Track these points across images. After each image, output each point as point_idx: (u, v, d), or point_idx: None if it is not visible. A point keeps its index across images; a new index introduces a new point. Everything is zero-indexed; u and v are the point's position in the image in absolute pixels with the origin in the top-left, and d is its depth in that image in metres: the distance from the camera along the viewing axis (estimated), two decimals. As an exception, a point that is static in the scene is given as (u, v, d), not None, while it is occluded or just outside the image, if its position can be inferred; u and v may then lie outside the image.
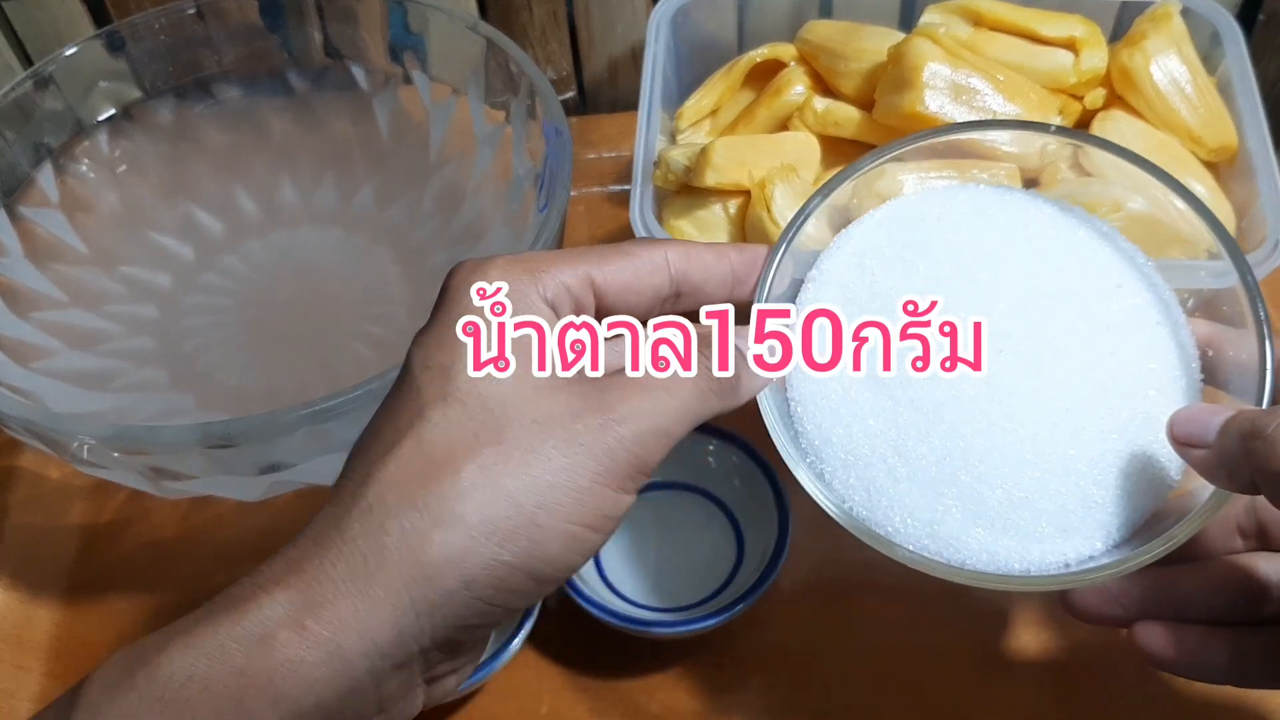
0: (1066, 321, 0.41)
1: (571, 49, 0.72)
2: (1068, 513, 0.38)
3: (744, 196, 0.56)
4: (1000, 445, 0.39)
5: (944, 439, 0.39)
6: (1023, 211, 0.43)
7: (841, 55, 0.58)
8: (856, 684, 0.49)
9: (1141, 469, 0.39)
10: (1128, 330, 0.41)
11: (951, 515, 0.39)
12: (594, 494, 0.32)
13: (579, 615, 0.48)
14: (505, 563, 0.30)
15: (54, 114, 0.57)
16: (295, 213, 0.60)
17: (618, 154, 0.70)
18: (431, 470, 0.30)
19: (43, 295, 0.55)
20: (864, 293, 0.42)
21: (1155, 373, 0.40)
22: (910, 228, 0.43)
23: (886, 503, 0.39)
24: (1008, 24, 0.58)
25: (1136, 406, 0.39)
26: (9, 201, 0.55)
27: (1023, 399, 0.39)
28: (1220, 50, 0.58)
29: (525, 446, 0.31)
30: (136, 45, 0.58)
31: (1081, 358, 0.40)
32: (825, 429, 0.40)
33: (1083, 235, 0.43)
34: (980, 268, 0.41)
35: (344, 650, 0.29)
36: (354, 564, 0.30)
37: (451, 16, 0.57)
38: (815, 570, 0.52)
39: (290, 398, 0.53)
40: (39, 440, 0.45)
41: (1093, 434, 0.39)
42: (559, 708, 0.49)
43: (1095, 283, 0.41)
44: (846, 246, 0.43)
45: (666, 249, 0.37)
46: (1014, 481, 0.39)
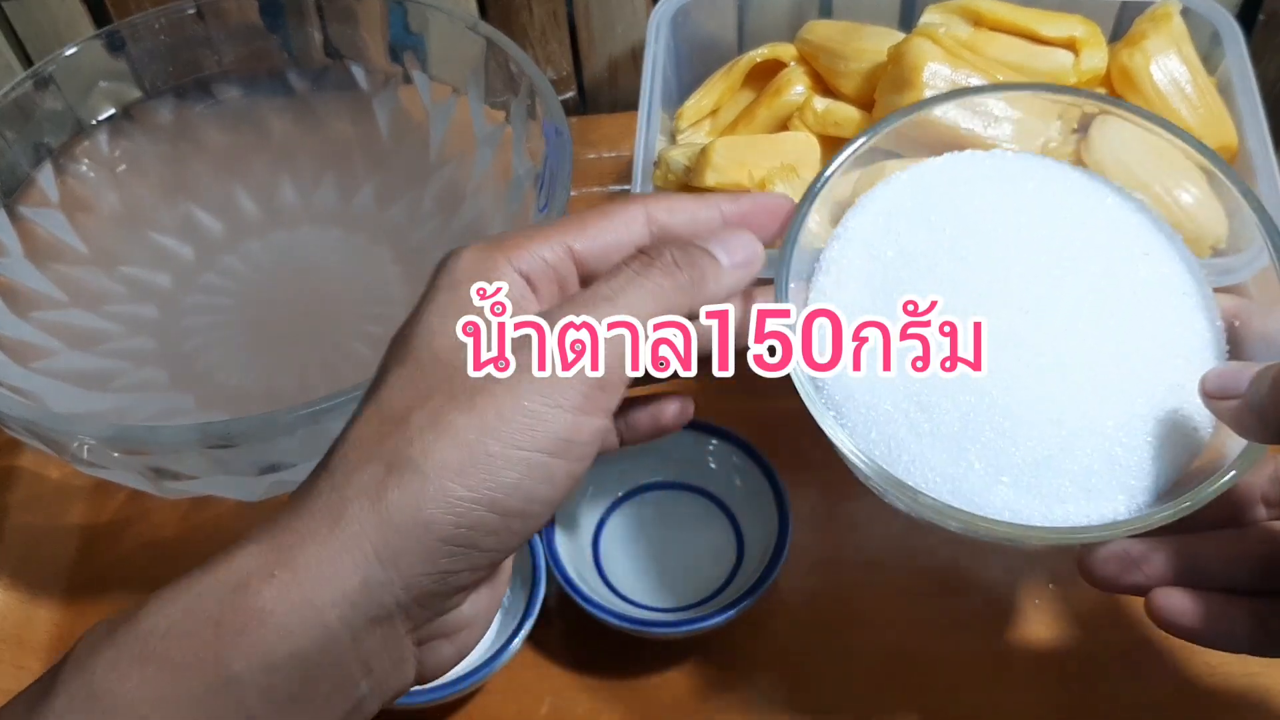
0: (1093, 285, 0.40)
1: (571, 49, 0.72)
2: (1092, 474, 0.38)
3: (744, 196, 0.56)
4: (1026, 403, 0.39)
5: (970, 395, 0.39)
6: (1048, 176, 0.43)
7: (841, 55, 0.58)
8: (856, 684, 0.49)
9: (1168, 433, 0.39)
10: (1155, 297, 0.40)
11: (974, 472, 0.38)
12: (548, 418, 0.31)
13: (579, 615, 0.48)
14: (462, 498, 0.30)
15: (54, 114, 0.57)
16: (295, 213, 0.60)
17: (618, 154, 0.70)
18: (388, 426, 0.31)
19: (43, 295, 0.55)
20: (890, 250, 0.42)
21: (1182, 340, 0.40)
22: (936, 190, 0.43)
23: (908, 459, 0.39)
24: (1008, 24, 0.58)
25: (1163, 372, 0.39)
26: (9, 201, 0.55)
27: (1049, 358, 0.39)
28: (1220, 50, 0.58)
29: (475, 387, 0.31)
30: (136, 45, 0.58)
31: (1108, 321, 0.40)
32: (847, 384, 0.40)
33: (1110, 202, 0.43)
34: (1006, 229, 0.41)
35: (312, 599, 0.29)
36: (318, 518, 0.30)
37: (451, 16, 0.57)
38: (815, 570, 0.52)
39: (290, 398, 0.53)
40: (39, 440, 0.45)
41: (1119, 397, 0.39)
42: (559, 708, 0.49)
43: (1122, 249, 0.41)
44: (871, 206, 0.43)
45: (646, 205, 0.37)
46: (1039, 440, 0.38)
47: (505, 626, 0.48)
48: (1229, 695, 0.48)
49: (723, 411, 0.58)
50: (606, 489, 0.52)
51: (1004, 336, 0.39)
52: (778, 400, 0.58)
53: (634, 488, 0.53)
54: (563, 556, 0.48)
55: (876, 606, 0.51)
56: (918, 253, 0.41)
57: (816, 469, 0.55)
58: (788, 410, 0.58)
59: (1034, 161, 0.44)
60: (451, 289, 0.34)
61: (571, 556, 0.49)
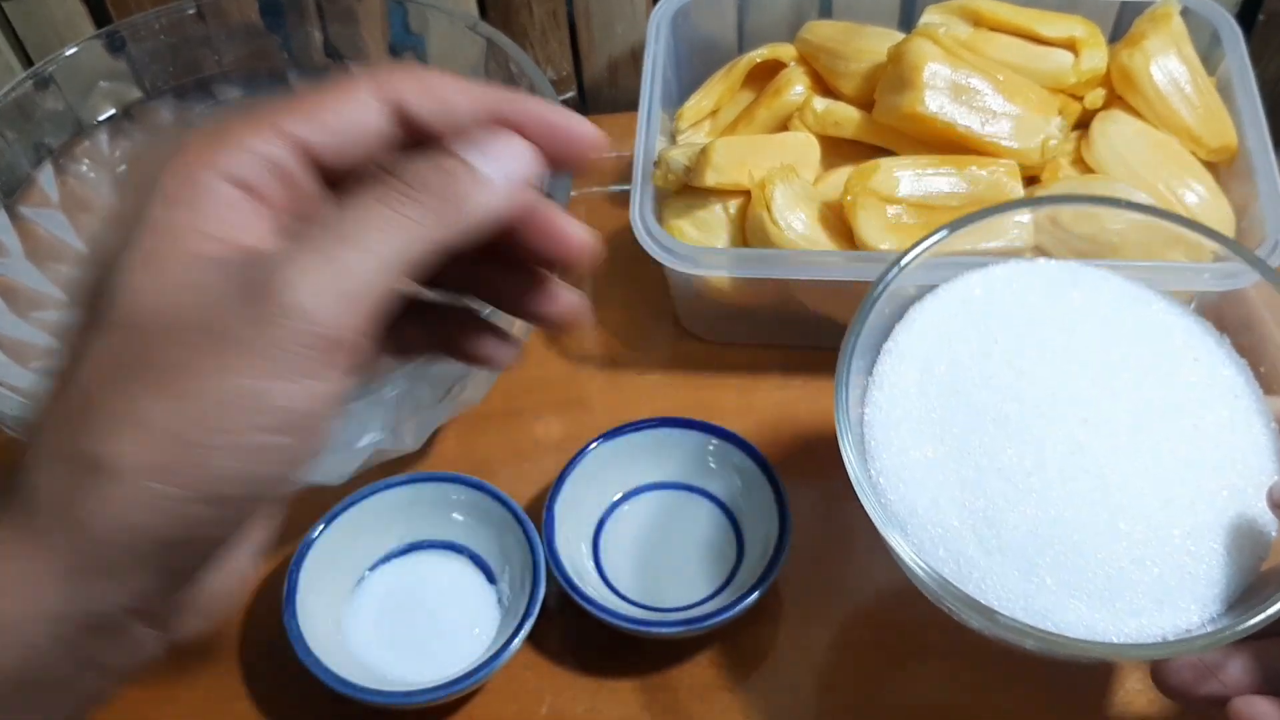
0: (1147, 394, 0.40)
1: (571, 49, 0.72)
2: (1164, 585, 0.38)
3: (744, 196, 0.56)
4: (1092, 515, 0.38)
5: (1035, 507, 0.39)
6: (1092, 284, 0.43)
7: (841, 55, 0.58)
8: (857, 683, 0.49)
9: (1235, 539, 0.38)
10: (1209, 404, 0.40)
11: (1046, 587, 0.38)
12: (267, 393, 0.26)
13: (579, 615, 0.48)
14: (170, 496, 0.26)
15: (54, 114, 0.57)
16: (295, 213, 0.60)
17: (618, 154, 0.70)
18: (79, 414, 0.26)
19: (43, 295, 0.55)
20: (942, 365, 0.42)
21: (1239, 444, 0.40)
22: (983, 302, 0.43)
23: (979, 575, 0.39)
24: (1008, 24, 0.58)
25: (1224, 479, 0.39)
26: (9, 201, 0.55)
27: (1111, 468, 0.39)
28: (1220, 50, 0.58)
29: (174, 364, 0.26)
30: (137, 45, 0.58)
31: (1165, 430, 0.40)
32: (910, 501, 0.40)
33: (1156, 309, 0.43)
34: (1057, 339, 0.42)
35: (15, 620, 0.26)
36: (13, 530, 0.26)
37: (451, 16, 0.57)
38: (815, 570, 0.52)
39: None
40: (39, 440, 0.45)
41: (1183, 505, 0.38)
42: (559, 708, 0.49)
43: (1171, 355, 0.42)
44: (921, 319, 0.43)
45: (385, 85, 0.29)
46: (1109, 552, 0.38)
47: (505, 626, 0.48)
48: None
49: (723, 411, 0.58)
50: (606, 489, 0.52)
51: (1066, 447, 0.39)
52: (778, 400, 0.58)
53: (634, 488, 0.53)
54: (563, 556, 0.48)
55: (877, 606, 0.51)
56: (972, 366, 0.41)
57: (816, 469, 0.55)
58: (788, 410, 0.58)
59: (1077, 269, 0.44)
60: (154, 228, 0.27)
61: (571, 556, 0.49)
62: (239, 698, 0.50)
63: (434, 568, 0.51)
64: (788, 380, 0.59)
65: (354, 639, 0.49)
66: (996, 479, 0.39)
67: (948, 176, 0.54)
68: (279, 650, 0.47)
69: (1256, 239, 0.52)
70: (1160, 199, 0.53)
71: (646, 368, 0.60)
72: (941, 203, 0.53)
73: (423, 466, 0.56)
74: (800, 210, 0.53)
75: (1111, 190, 0.52)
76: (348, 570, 0.50)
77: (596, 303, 0.63)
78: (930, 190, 0.53)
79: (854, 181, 0.53)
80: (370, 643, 0.49)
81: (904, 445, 0.41)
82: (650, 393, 0.59)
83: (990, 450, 0.40)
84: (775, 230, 0.53)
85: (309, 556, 0.49)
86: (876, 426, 0.41)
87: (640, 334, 0.61)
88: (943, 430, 0.41)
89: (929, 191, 0.53)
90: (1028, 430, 0.40)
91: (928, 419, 0.41)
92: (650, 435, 0.52)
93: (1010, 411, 0.40)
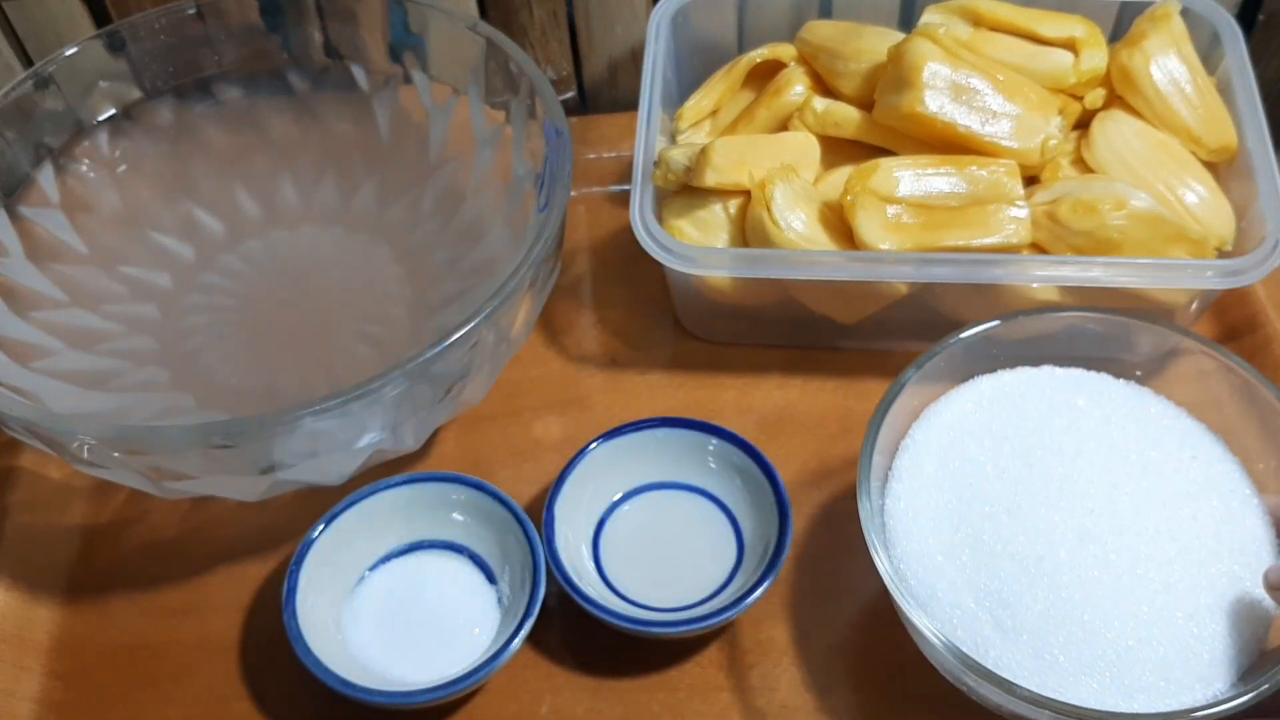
0: (1149, 487, 0.44)
1: (571, 49, 0.72)
2: (1169, 663, 0.41)
3: (744, 196, 0.56)
4: (1099, 598, 0.42)
5: (1046, 591, 0.42)
6: (1097, 391, 0.48)
7: (841, 55, 0.58)
8: (856, 684, 0.49)
9: (1235, 622, 0.41)
10: (1206, 498, 0.44)
11: (1059, 665, 0.41)
12: None
13: (579, 615, 0.48)
14: None
15: (54, 114, 0.57)
16: (295, 212, 0.60)
17: (618, 154, 0.70)
18: None
19: (43, 295, 0.55)
20: (957, 459, 0.46)
21: (1234, 534, 0.43)
22: (994, 404, 0.48)
23: (995, 654, 0.42)
24: (1007, 24, 0.58)
25: (1222, 565, 0.42)
26: (9, 202, 0.55)
27: (1119, 554, 0.42)
28: (1220, 50, 0.58)
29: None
30: (137, 45, 0.58)
31: (1166, 520, 0.43)
32: (930, 584, 0.43)
33: (1154, 411, 0.47)
34: (1064, 438, 0.45)
35: None
36: None
37: (451, 17, 0.57)
38: (815, 570, 0.52)
39: (290, 397, 0.53)
40: (39, 440, 0.45)
41: (1184, 589, 0.42)
42: (559, 707, 0.49)
43: (1172, 454, 0.45)
44: (936, 418, 0.48)
45: None
46: (1116, 632, 0.41)
47: (505, 626, 0.48)
48: None
49: (723, 411, 0.58)
50: (607, 489, 0.52)
51: (1076, 534, 0.43)
52: (778, 400, 0.58)
53: (634, 488, 0.53)
54: (563, 556, 0.48)
55: (877, 606, 0.51)
56: (985, 460, 0.46)
57: (816, 469, 0.56)
58: (788, 410, 0.58)
59: (1080, 376, 0.48)
60: None
61: (571, 556, 0.49)
62: (239, 698, 0.50)
63: (434, 568, 0.51)
64: (788, 380, 0.59)
65: (354, 639, 0.49)
66: (1010, 564, 0.43)
67: (948, 176, 0.54)
68: (279, 650, 0.47)
69: (1256, 238, 0.52)
70: (1160, 199, 0.54)
71: (646, 368, 0.60)
72: (941, 202, 0.53)
73: (423, 467, 0.56)
74: (800, 210, 0.53)
75: (1111, 190, 0.52)
76: (348, 570, 0.50)
77: (596, 303, 0.63)
78: (930, 190, 0.54)
79: (854, 181, 0.53)
80: (370, 643, 0.49)
81: (923, 534, 0.44)
82: (650, 393, 0.59)
83: (1004, 538, 0.43)
84: (775, 230, 0.53)
85: (309, 557, 0.49)
86: (897, 516, 0.45)
87: (640, 334, 0.61)
88: (959, 520, 0.44)
89: (929, 191, 0.53)
90: (1038, 520, 0.43)
91: (945, 509, 0.45)
92: (650, 435, 0.52)
93: (1022, 502, 0.44)
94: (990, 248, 0.52)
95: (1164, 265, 0.51)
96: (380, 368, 0.43)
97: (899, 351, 0.59)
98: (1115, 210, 0.51)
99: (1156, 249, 0.52)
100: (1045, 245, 0.53)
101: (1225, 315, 0.60)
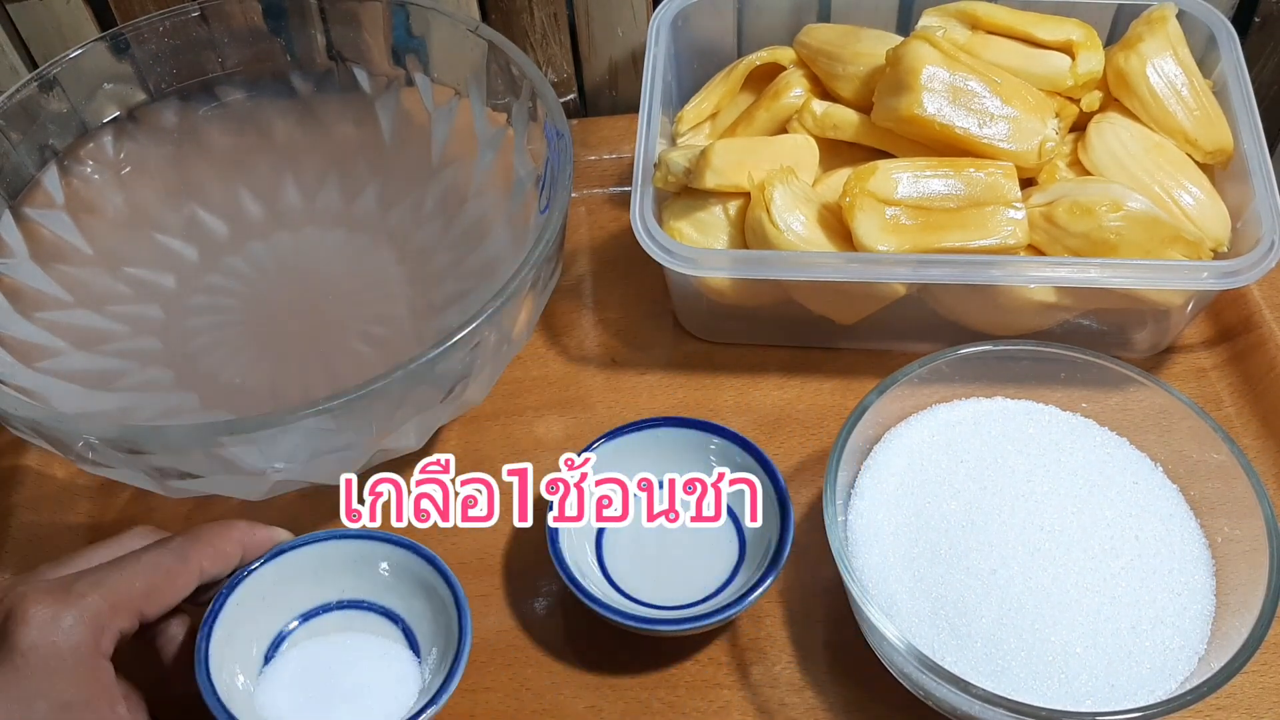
0: (1094, 507, 0.47)
1: (572, 52, 0.73)
2: (1115, 670, 0.43)
3: (743, 198, 0.56)
4: (1049, 608, 0.44)
5: (1000, 601, 0.44)
6: (1047, 420, 0.51)
7: (840, 58, 0.58)
8: (856, 683, 0.49)
9: (1174, 630, 0.44)
10: (1147, 519, 0.47)
11: (1011, 670, 0.43)
12: None
13: (580, 613, 0.48)
14: None
15: (59, 116, 0.57)
16: (298, 214, 0.60)
17: (618, 156, 0.70)
18: None
19: (48, 296, 0.55)
20: (918, 478, 0.49)
21: (1174, 555, 0.46)
22: (950, 430, 0.50)
23: (952, 659, 0.44)
24: (1005, 27, 0.58)
25: (1162, 582, 0.45)
26: (14, 203, 0.56)
27: (1063, 568, 0.45)
28: (1215, 53, 0.58)
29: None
30: (141, 48, 0.58)
31: (1110, 538, 0.46)
32: (890, 594, 0.46)
33: (1099, 440, 0.50)
34: (1017, 461, 0.49)
35: None
36: None
37: (453, 19, 0.57)
38: (815, 570, 0.52)
39: (293, 397, 0.53)
40: (44, 440, 0.46)
41: (1128, 602, 0.44)
42: (560, 704, 0.49)
43: (1115, 478, 0.48)
44: (896, 441, 0.50)
45: (200, 557, 0.43)
46: (1065, 640, 0.43)
47: (423, 695, 0.45)
48: None
49: (722, 411, 0.58)
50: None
51: (1028, 549, 0.46)
52: (777, 400, 0.59)
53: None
54: (566, 554, 0.49)
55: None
56: (943, 480, 0.49)
57: (816, 469, 0.56)
58: (788, 410, 0.58)
59: (1032, 407, 0.51)
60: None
61: (575, 554, 0.49)
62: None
63: (356, 634, 0.47)
64: (787, 380, 0.59)
65: (267, 705, 0.45)
66: (966, 576, 0.45)
67: (945, 178, 0.54)
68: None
69: (1252, 240, 0.52)
70: (1156, 201, 0.54)
71: (646, 368, 0.60)
72: (939, 204, 0.54)
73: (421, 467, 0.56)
74: (799, 212, 0.54)
75: (1108, 192, 0.53)
76: (264, 631, 0.46)
77: (597, 303, 0.63)
78: (928, 192, 0.54)
79: (852, 183, 0.53)
80: (281, 707, 0.45)
81: (884, 548, 0.47)
82: (650, 392, 0.59)
83: (960, 552, 0.46)
84: (774, 232, 0.53)
85: (220, 616, 0.44)
86: (859, 530, 0.48)
87: (640, 334, 0.62)
88: (917, 534, 0.47)
89: (927, 193, 0.54)
90: (992, 536, 0.46)
91: (905, 524, 0.48)
92: (650, 435, 0.52)
93: (977, 520, 0.47)
94: (987, 249, 0.52)
95: (1160, 266, 0.51)
96: (383, 368, 0.43)
97: (897, 352, 0.59)
98: (1111, 212, 0.52)
99: (1153, 250, 0.52)
100: (1042, 247, 0.54)
101: (1221, 316, 0.60)
